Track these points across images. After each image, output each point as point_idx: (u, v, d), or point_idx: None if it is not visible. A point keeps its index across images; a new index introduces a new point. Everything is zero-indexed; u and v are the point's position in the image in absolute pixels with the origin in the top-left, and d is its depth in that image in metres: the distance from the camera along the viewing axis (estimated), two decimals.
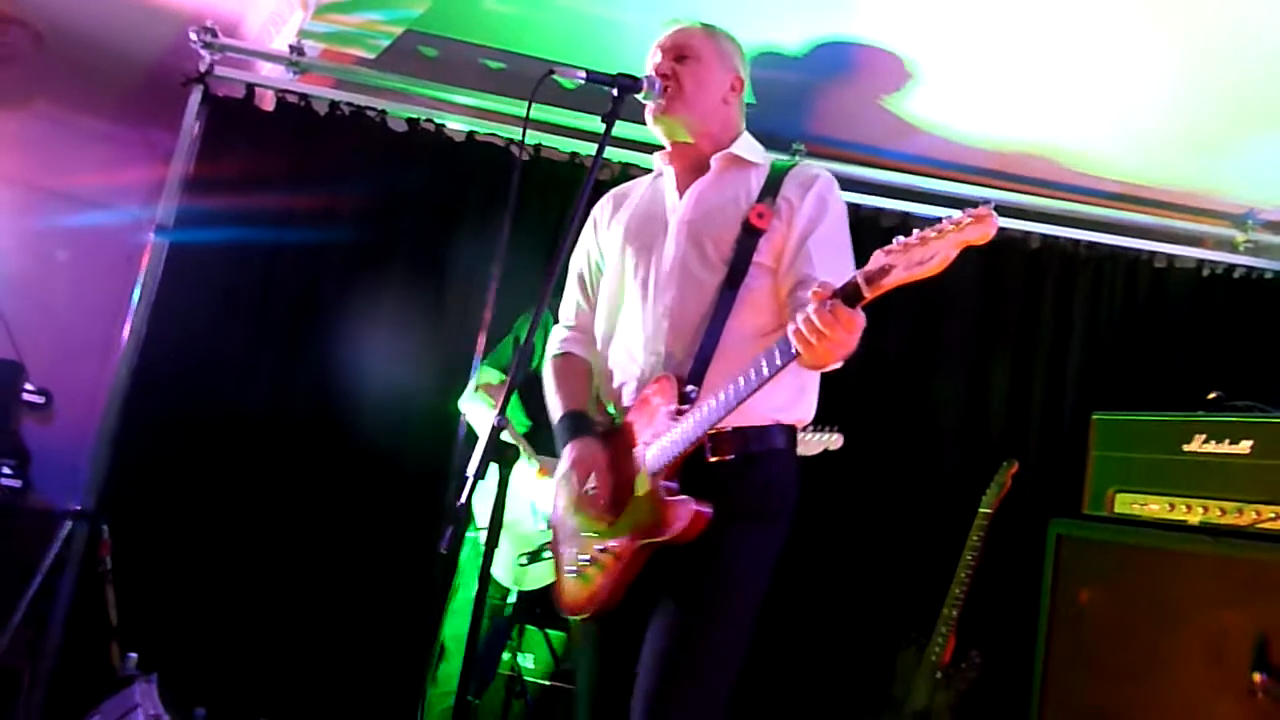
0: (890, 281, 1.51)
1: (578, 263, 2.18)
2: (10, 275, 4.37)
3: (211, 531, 3.38)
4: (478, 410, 2.96)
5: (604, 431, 1.98)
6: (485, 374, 3.00)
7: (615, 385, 1.99)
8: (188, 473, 3.41)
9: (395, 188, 3.65)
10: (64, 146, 4.56)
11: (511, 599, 2.90)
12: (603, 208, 2.19)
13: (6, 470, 4.10)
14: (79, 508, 3.27)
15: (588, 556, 1.92)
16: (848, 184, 3.79)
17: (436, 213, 3.66)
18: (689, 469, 1.81)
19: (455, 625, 2.84)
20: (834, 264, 1.87)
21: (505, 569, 2.82)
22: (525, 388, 2.88)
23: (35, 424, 4.48)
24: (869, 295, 1.54)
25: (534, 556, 2.84)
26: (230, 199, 3.50)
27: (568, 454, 1.95)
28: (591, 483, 1.91)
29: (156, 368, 3.45)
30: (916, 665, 3.24)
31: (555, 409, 2.05)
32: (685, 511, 1.77)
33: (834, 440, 2.92)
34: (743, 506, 1.83)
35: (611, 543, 1.87)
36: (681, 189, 2.05)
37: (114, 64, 4.17)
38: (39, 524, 3.60)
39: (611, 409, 2.01)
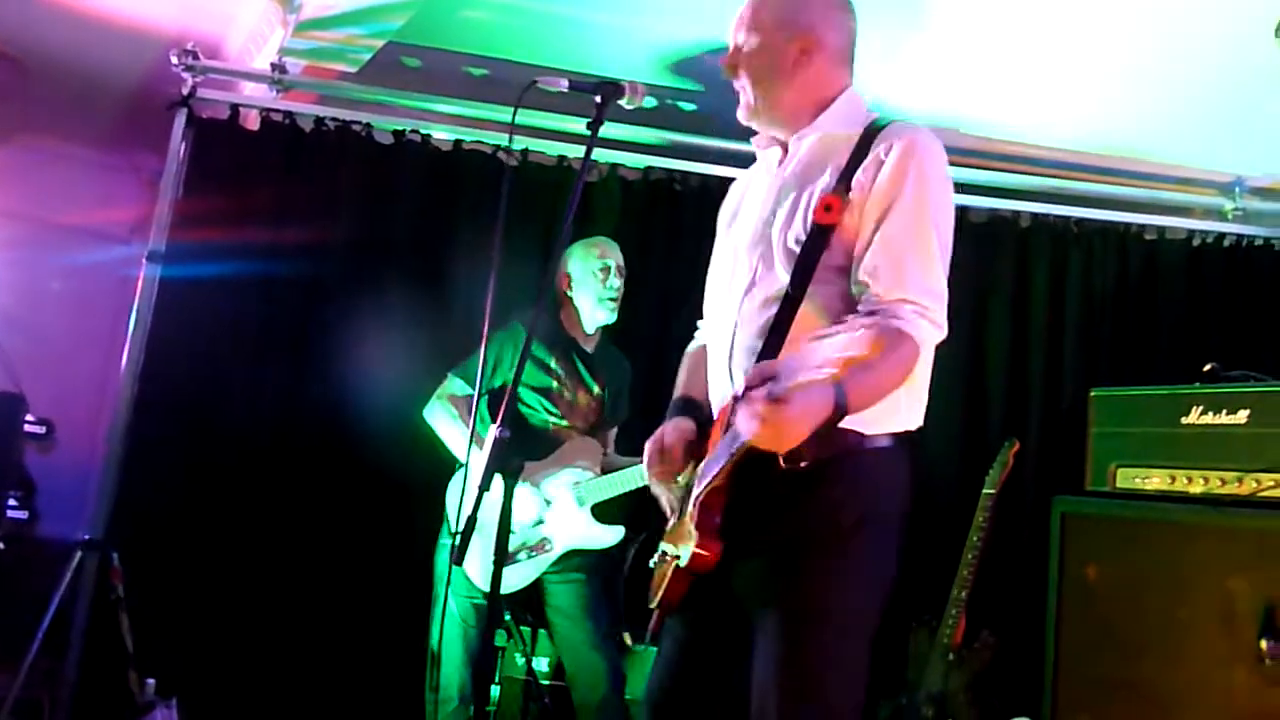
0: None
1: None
2: (7, 307, 4.38)
3: (220, 554, 3.40)
4: (442, 420, 2.98)
5: (702, 423, 1.83)
6: (451, 384, 3.02)
7: (710, 397, 1.86)
8: (194, 496, 3.42)
9: (385, 200, 3.65)
10: (52, 177, 4.57)
11: (478, 601, 2.90)
12: (726, 202, 1.98)
13: (12, 502, 4.11)
14: (88, 537, 3.28)
15: (664, 551, 1.82)
16: None
17: (428, 223, 3.67)
18: (758, 476, 1.61)
19: (435, 631, 2.85)
20: (906, 270, 1.60)
21: (479, 570, 2.84)
22: (492, 399, 2.91)
23: (38, 454, 4.50)
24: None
25: (510, 557, 2.86)
26: (220, 221, 3.50)
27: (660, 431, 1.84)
28: (668, 465, 1.79)
29: (156, 393, 3.45)
30: (929, 648, 3.26)
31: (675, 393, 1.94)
32: (694, 547, 1.65)
33: None
34: (815, 521, 1.64)
35: (669, 549, 1.80)
36: (770, 180, 1.82)
37: (97, 92, 4.18)
38: (47, 554, 3.61)
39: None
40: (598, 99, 2.01)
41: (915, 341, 1.57)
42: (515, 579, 2.91)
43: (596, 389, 3.08)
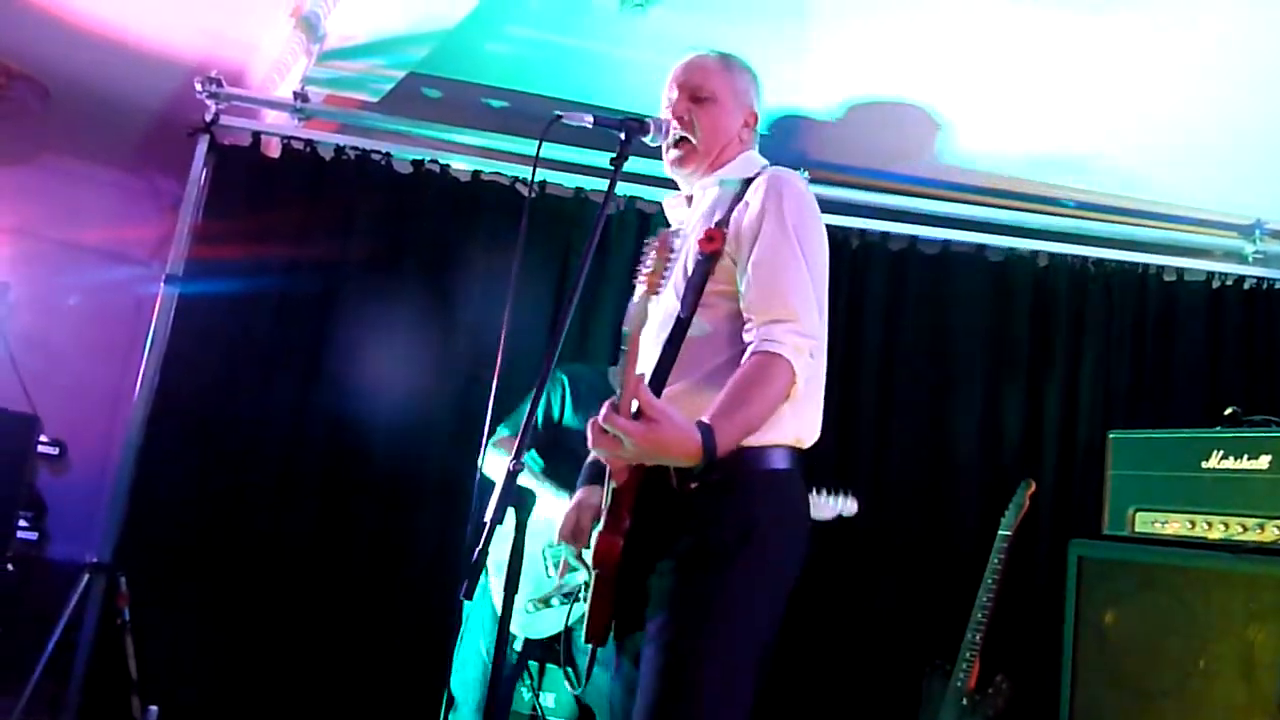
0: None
1: None
2: (23, 328, 4.40)
3: (229, 580, 3.38)
4: (497, 465, 2.95)
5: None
6: (501, 433, 2.99)
7: None
8: (204, 521, 3.41)
9: (402, 229, 3.67)
10: (73, 199, 4.61)
11: (517, 646, 2.87)
12: None
13: (23, 523, 4.11)
14: (95, 560, 3.27)
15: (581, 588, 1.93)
16: (851, 209, 3.88)
17: (444, 253, 3.67)
18: (658, 498, 1.74)
19: (461, 674, 2.82)
20: (773, 291, 1.76)
21: (514, 615, 2.81)
22: (544, 438, 2.89)
23: (51, 475, 4.50)
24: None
25: (545, 602, 2.84)
26: (238, 246, 3.52)
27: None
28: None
29: (170, 417, 3.45)
30: (942, 692, 3.21)
31: None
32: (598, 540, 1.75)
33: (849, 506, 2.90)
34: (708, 539, 1.72)
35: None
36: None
37: (121, 116, 4.22)
38: (56, 576, 3.61)
39: None
40: (622, 135, 2.00)
41: (785, 358, 1.69)
42: (545, 625, 2.85)
43: None
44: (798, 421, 1.81)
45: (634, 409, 1.60)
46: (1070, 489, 3.63)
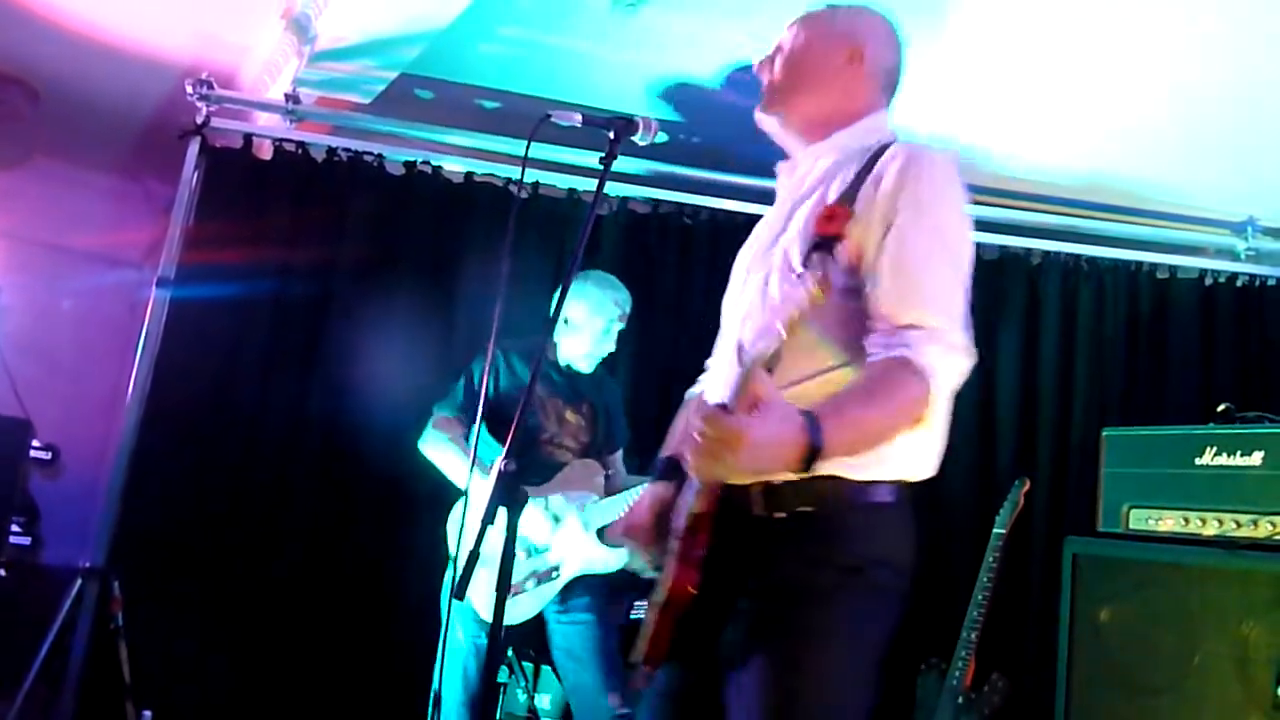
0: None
1: None
2: (15, 332, 4.38)
3: (222, 584, 3.37)
4: (437, 447, 2.95)
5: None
6: (440, 413, 2.99)
7: None
8: (198, 525, 3.40)
9: (395, 231, 3.66)
10: (64, 202, 4.59)
11: (482, 641, 2.86)
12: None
13: (15, 528, 4.09)
14: (88, 564, 3.25)
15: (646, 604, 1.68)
16: None
17: (437, 254, 3.68)
18: (737, 526, 1.49)
19: (439, 672, 2.81)
20: (911, 291, 1.44)
21: (486, 603, 2.81)
22: (486, 413, 2.86)
23: (44, 480, 4.48)
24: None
25: (516, 589, 2.83)
26: (231, 249, 3.51)
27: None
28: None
29: (163, 421, 3.44)
30: (938, 691, 3.20)
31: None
32: (672, 576, 1.49)
33: None
34: (796, 579, 1.47)
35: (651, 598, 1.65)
36: (779, 199, 1.72)
37: (112, 120, 4.21)
38: (49, 581, 3.59)
39: None
40: (611, 134, 2.00)
41: (922, 372, 1.39)
42: (521, 610, 2.86)
43: (582, 407, 3.05)
44: (916, 451, 1.51)
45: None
46: (1064, 486, 3.64)
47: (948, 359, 1.42)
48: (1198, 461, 2.89)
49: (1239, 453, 2.81)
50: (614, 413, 3.15)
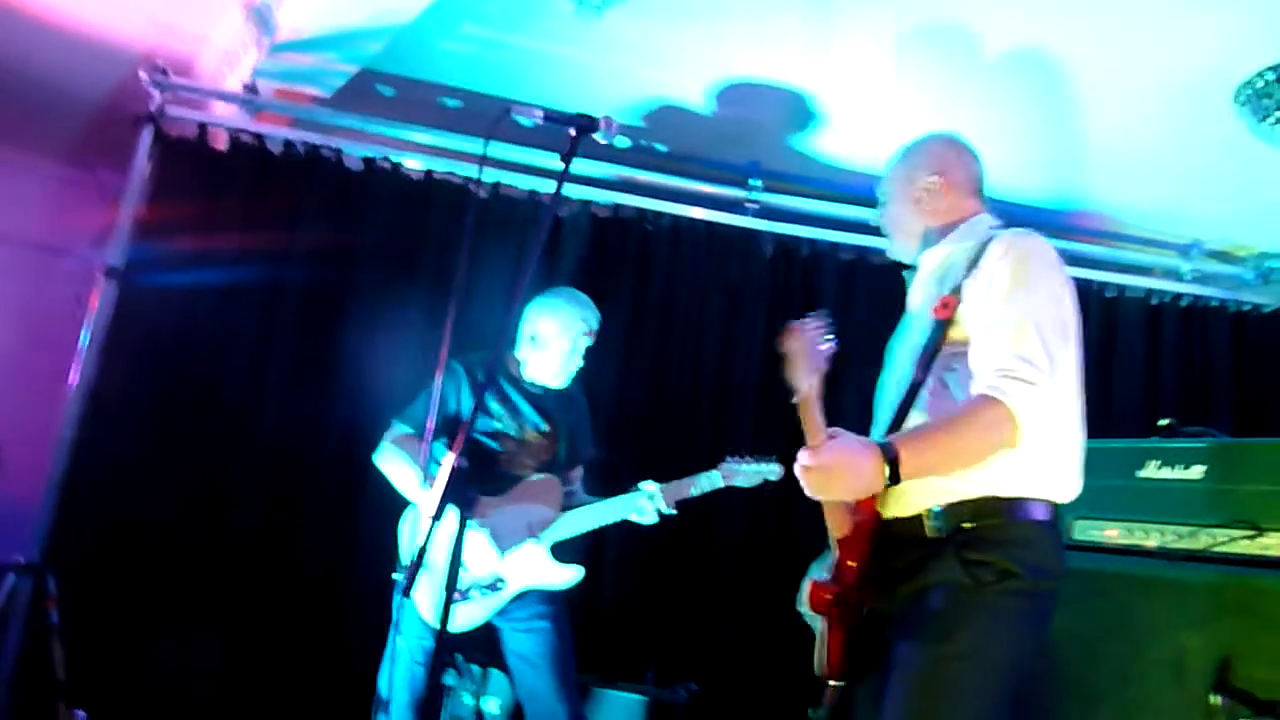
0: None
1: None
2: None
3: (161, 582, 3.29)
4: (392, 461, 2.90)
5: None
6: (398, 429, 2.94)
7: None
8: (137, 522, 3.32)
9: (352, 227, 3.62)
10: (11, 190, 4.47)
11: (429, 642, 2.83)
12: None
13: None
14: (22, 560, 3.16)
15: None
16: (804, 220, 3.91)
17: (394, 252, 3.63)
18: (899, 543, 1.83)
19: (387, 674, 2.77)
20: (1000, 344, 1.76)
21: (431, 609, 2.77)
22: (444, 430, 2.85)
23: None
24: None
25: (463, 595, 2.80)
26: (183, 240, 3.45)
27: None
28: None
29: (106, 415, 3.36)
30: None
31: None
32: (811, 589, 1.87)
33: (772, 471, 2.90)
34: (947, 579, 1.78)
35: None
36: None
37: (63, 104, 4.12)
38: None
39: None
40: (572, 131, 2.02)
41: (1000, 402, 1.69)
42: (467, 618, 2.82)
43: (546, 426, 3.01)
44: (1051, 474, 1.84)
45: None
46: None
47: (1023, 390, 1.70)
48: (1140, 474, 2.94)
49: (1180, 466, 2.87)
50: (579, 430, 3.10)
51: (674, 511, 2.81)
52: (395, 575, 2.89)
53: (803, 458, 1.69)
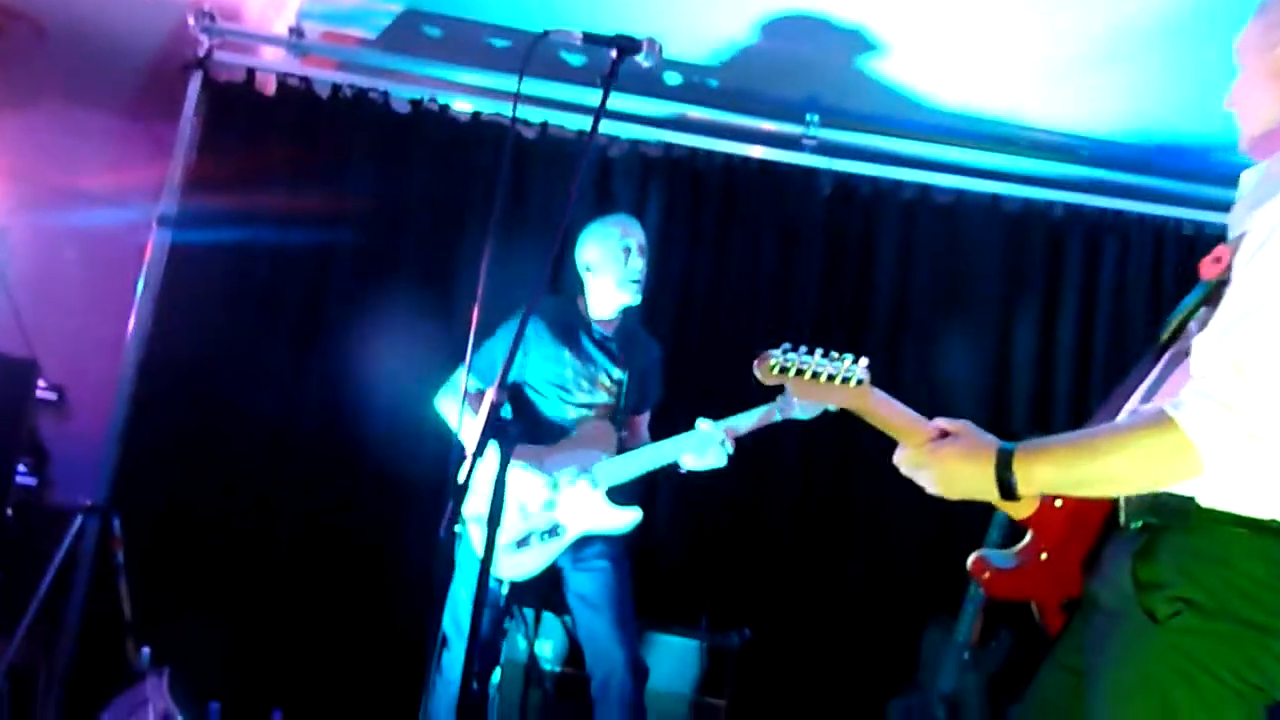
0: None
1: None
2: (22, 272, 4.34)
3: (223, 524, 3.36)
4: (453, 411, 2.87)
5: None
6: (463, 377, 2.88)
7: None
8: (198, 465, 3.39)
9: (400, 169, 3.59)
10: (71, 144, 4.53)
11: (504, 590, 2.83)
12: None
13: (22, 469, 4.08)
14: (90, 503, 3.24)
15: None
16: (864, 156, 3.76)
17: (443, 193, 3.60)
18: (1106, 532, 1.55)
19: (451, 614, 2.78)
20: (1219, 344, 1.30)
21: (496, 558, 2.77)
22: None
23: (52, 421, 4.47)
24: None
25: (522, 542, 2.79)
26: (233, 185, 3.46)
27: None
28: None
29: (164, 360, 3.42)
30: (943, 648, 3.15)
31: None
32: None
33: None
34: (1133, 598, 1.40)
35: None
36: None
37: (117, 56, 4.13)
38: (56, 522, 3.58)
39: None
40: (613, 53, 1.95)
41: (1178, 424, 1.27)
42: (527, 565, 2.81)
43: (617, 372, 2.97)
44: (1267, 486, 1.34)
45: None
46: None
47: (1217, 418, 1.27)
48: None
49: None
50: (649, 376, 3.05)
51: (731, 449, 2.75)
52: (457, 528, 2.88)
53: (906, 460, 1.50)
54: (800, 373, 1.49)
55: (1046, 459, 1.38)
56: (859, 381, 1.50)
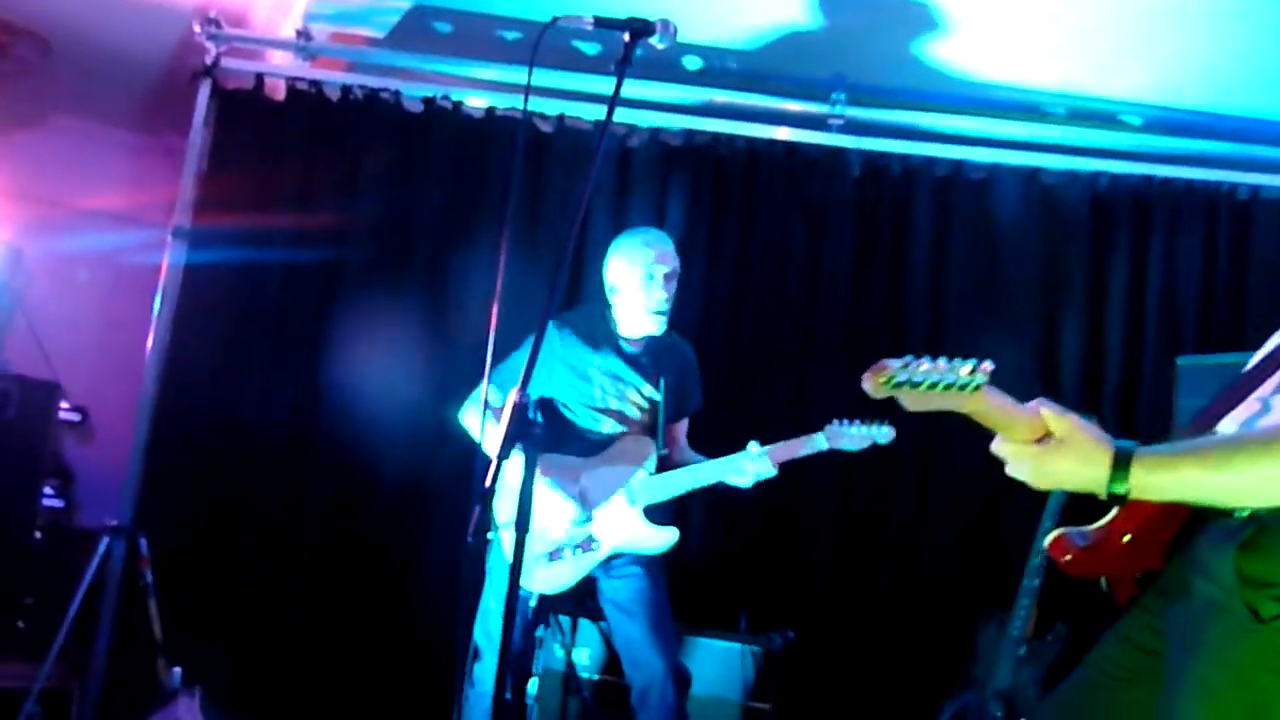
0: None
1: None
2: (41, 295, 4.31)
3: (248, 541, 3.31)
4: (476, 424, 2.79)
5: None
6: (489, 392, 2.78)
7: None
8: (222, 482, 3.35)
9: (415, 169, 3.52)
10: (83, 162, 4.51)
11: (532, 602, 2.75)
12: None
13: (49, 491, 4.05)
14: (115, 523, 3.20)
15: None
16: (895, 133, 3.63)
17: (459, 194, 3.52)
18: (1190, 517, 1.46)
19: (483, 625, 2.71)
20: None
21: (527, 571, 2.69)
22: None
23: (76, 443, 4.44)
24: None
25: (554, 555, 2.73)
26: (247, 196, 3.40)
27: None
28: None
29: (184, 377, 3.38)
30: (998, 642, 3.02)
31: None
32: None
33: (884, 433, 2.71)
34: (1231, 593, 1.33)
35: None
36: None
37: (125, 70, 4.09)
38: (84, 544, 3.54)
39: None
40: (626, 37, 1.86)
41: None
42: (560, 579, 2.75)
43: (649, 389, 2.87)
44: None
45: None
46: (1133, 420, 3.40)
47: None
48: None
49: None
50: (685, 381, 2.95)
51: (775, 472, 2.70)
52: (489, 534, 2.80)
53: (1008, 454, 1.39)
54: (916, 385, 1.34)
55: (1168, 469, 1.28)
56: (977, 387, 1.35)
